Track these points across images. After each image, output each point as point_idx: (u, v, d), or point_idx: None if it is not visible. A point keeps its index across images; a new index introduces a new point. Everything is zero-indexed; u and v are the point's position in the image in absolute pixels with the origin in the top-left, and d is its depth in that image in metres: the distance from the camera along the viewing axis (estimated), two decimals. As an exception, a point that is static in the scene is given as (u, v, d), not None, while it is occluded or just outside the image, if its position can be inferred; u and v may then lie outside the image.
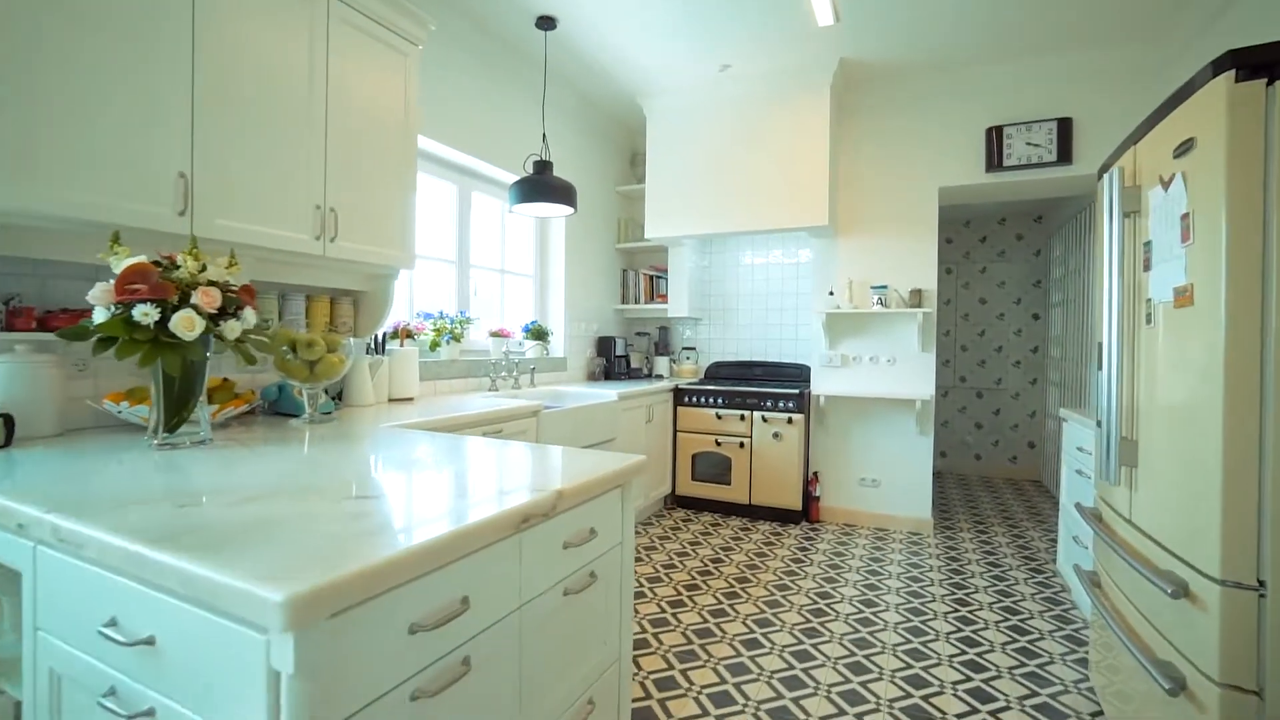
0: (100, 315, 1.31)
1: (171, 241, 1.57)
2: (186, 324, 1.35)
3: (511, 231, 3.84)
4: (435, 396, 2.84)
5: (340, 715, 0.73)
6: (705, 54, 3.43)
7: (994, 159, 3.51)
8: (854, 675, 2.11)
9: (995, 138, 3.50)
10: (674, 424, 4.12)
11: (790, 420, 3.79)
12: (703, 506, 4.12)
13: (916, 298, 3.69)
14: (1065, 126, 3.35)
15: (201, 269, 1.44)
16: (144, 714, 0.80)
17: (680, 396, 4.09)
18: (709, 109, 3.85)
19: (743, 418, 3.91)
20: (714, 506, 4.08)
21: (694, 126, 3.89)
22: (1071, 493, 2.78)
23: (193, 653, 0.75)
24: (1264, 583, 1.15)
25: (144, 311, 1.31)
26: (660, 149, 3.99)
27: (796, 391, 3.79)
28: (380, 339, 2.59)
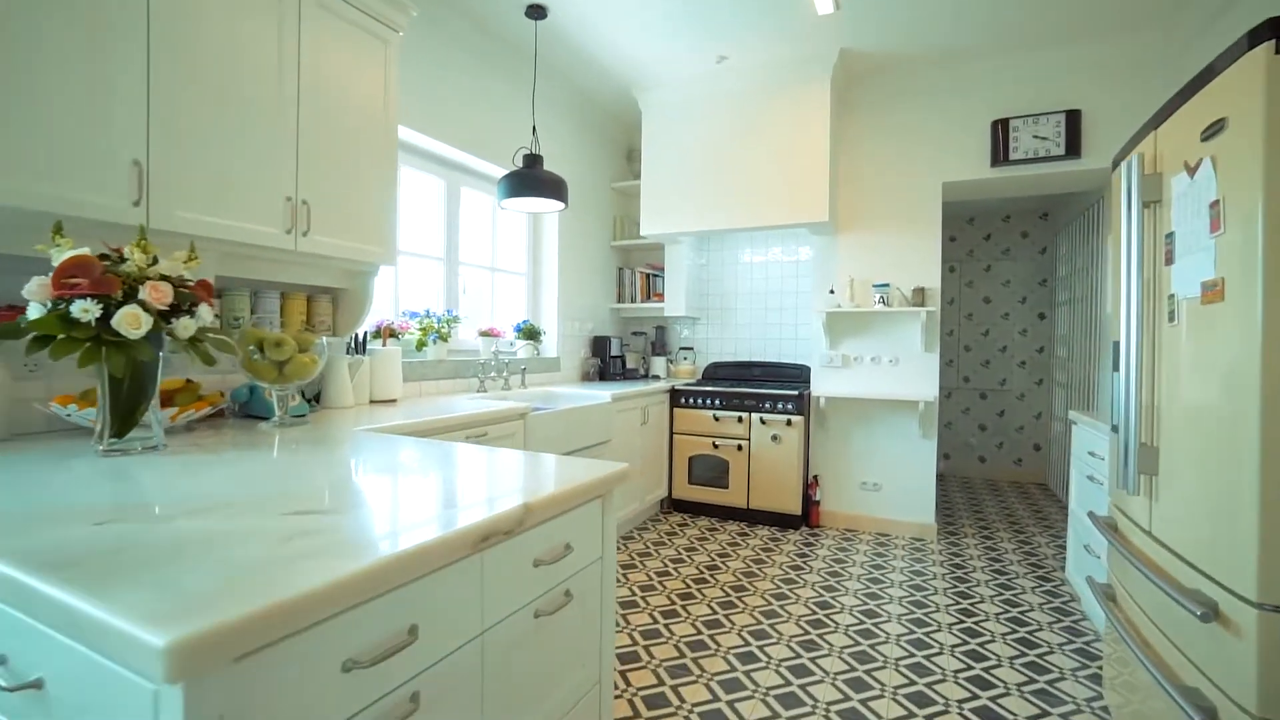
0: (35, 311, 1.21)
1: (127, 234, 1.47)
2: (131, 321, 1.25)
3: (503, 228, 3.74)
4: (420, 398, 2.74)
5: (252, 773, 0.63)
6: (701, 45, 3.33)
7: (1000, 153, 3.39)
8: (854, 692, 2.00)
9: (1001, 131, 3.39)
10: (670, 426, 4.02)
11: (790, 422, 3.68)
12: (700, 510, 4.01)
13: (919, 296, 3.58)
14: (1074, 119, 3.24)
15: (152, 262, 1.35)
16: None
17: (677, 397, 3.99)
18: (706, 103, 3.74)
19: (741, 419, 3.80)
20: (711, 511, 3.97)
21: (691, 120, 3.78)
22: (1082, 499, 2.67)
23: (83, 701, 0.65)
24: (1305, 606, 1.04)
25: (84, 308, 1.21)
26: (656, 144, 3.89)
27: (796, 392, 3.68)
28: (361, 338, 2.49)
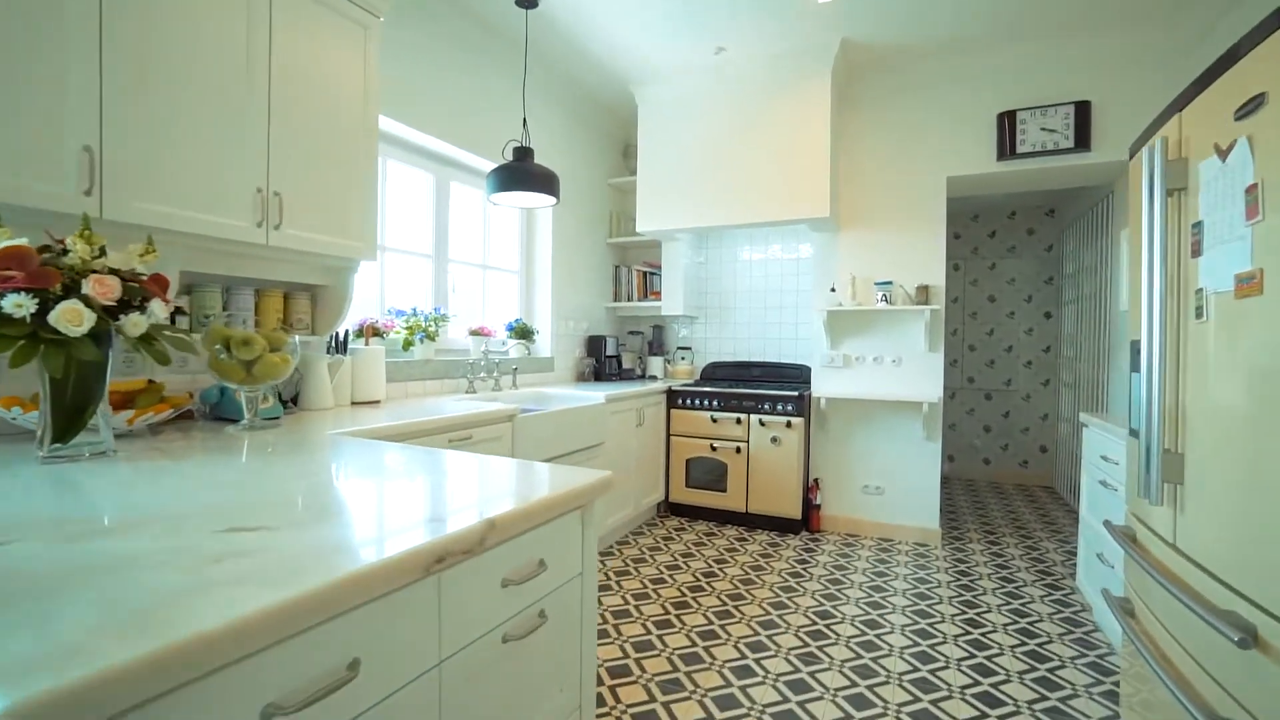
0: (-38, 306, 1.12)
1: (79, 225, 1.38)
2: (71, 317, 1.15)
3: (495, 225, 3.64)
4: (405, 400, 2.64)
5: None
6: (699, 35, 3.22)
7: (1006, 146, 3.29)
8: (855, 710, 1.90)
9: (1008, 124, 3.28)
10: (667, 428, 3.91)
11: (789, 424, 3.57)
12: (697, 514, 3.90)
13: (923, 294, 3.47)
14: (1084, 110, 3.13)
15: (98, 254, 1.25)
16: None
17: (674, 398, 3.88)
18: (703, 96, 3.63)
19: (739, 421, 3.69)
20: (709, 515, 3.87)
21: (688, 114, 3.68)
22: (1093, 505, 2.57)
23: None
24: (1356, 632, 0.94)
25: (17, 302, 1.11)
26: (652, 138, 3.79)
27: (796, 393, 3.58)
28: (342, 337, 2.39)
